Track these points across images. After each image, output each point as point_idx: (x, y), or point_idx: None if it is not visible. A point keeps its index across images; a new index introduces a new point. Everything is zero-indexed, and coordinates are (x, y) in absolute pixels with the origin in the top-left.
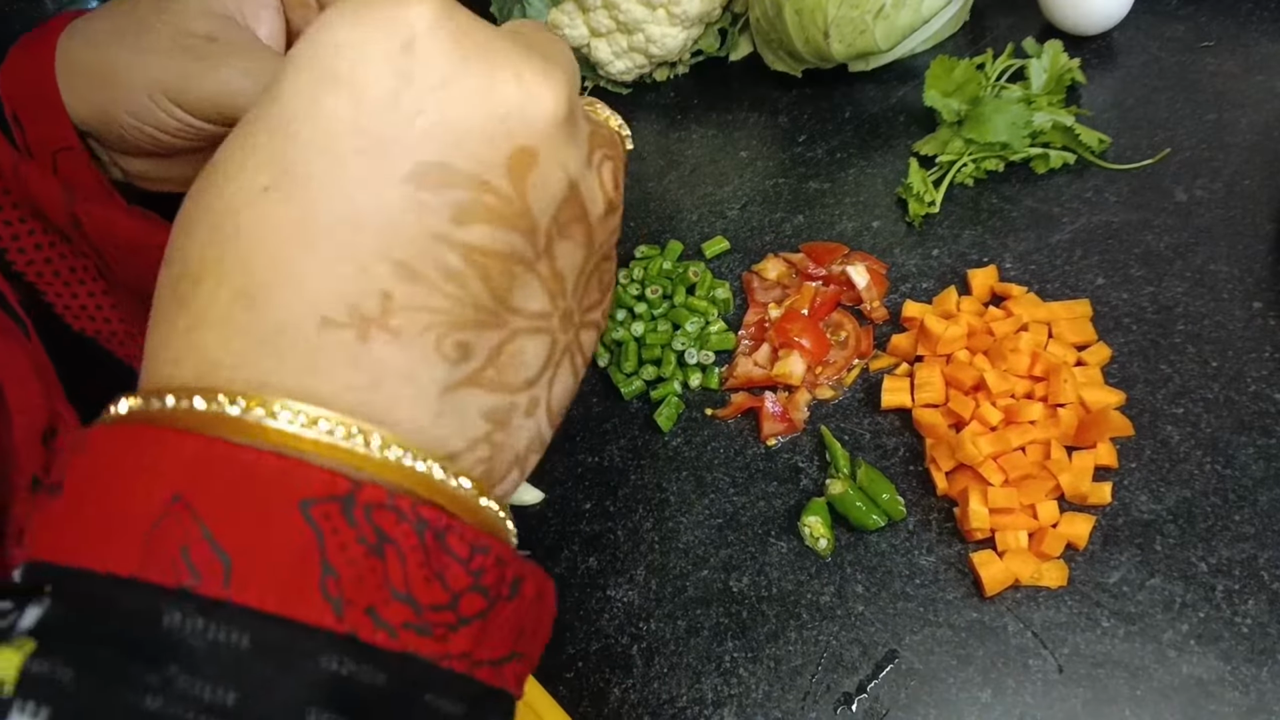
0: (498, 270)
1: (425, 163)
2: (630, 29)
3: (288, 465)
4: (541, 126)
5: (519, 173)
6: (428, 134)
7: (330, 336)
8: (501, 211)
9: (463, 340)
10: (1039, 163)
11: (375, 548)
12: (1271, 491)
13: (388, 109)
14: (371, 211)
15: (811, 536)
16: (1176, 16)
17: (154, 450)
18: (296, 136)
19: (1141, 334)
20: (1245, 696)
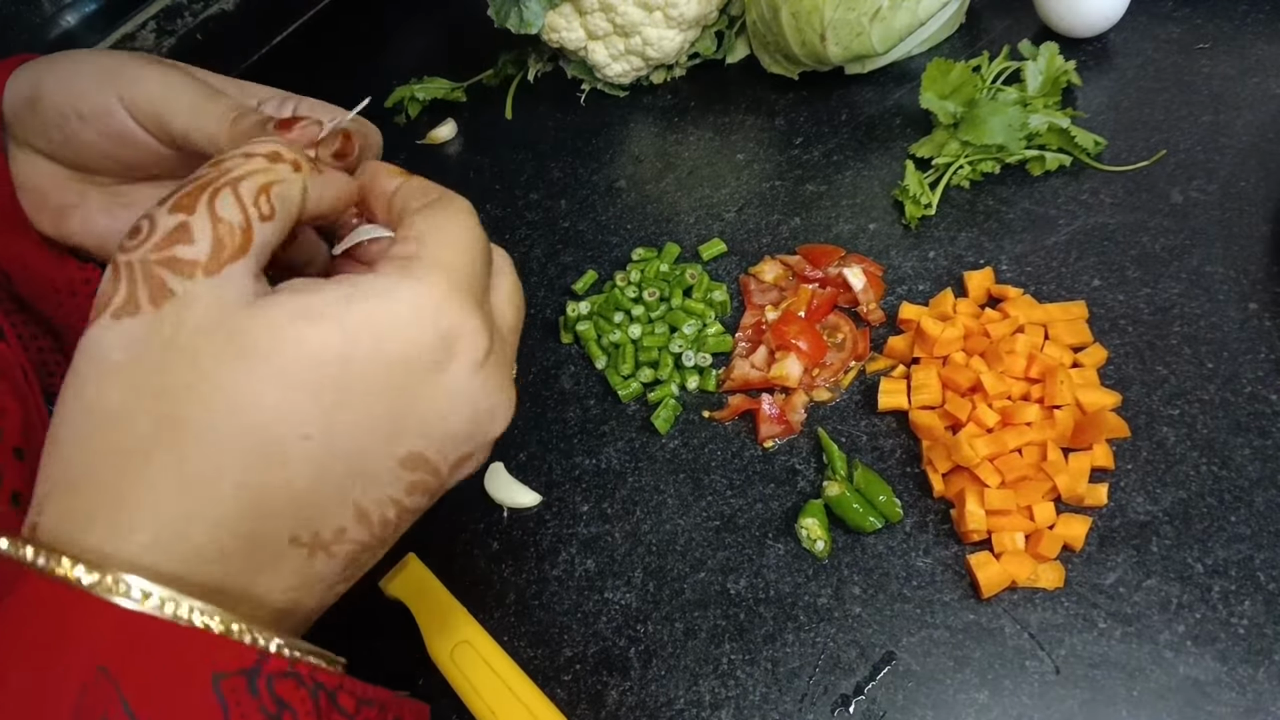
0: (407, 523)
1: (413, 452)
2: (627, 32)
3: (204, 641)
4: (479, 443)
5: (457, 469)
6: (435, 433)
7: (286, 548)
8: (434, 491)
9: (364, 561)
10: (1035, 165)
11: (274, 715)
12: (1267, 492)
13: (387, 406)
14: (370, 475)
15: (809, 538)
16: (1172, 18)
17: (82, 621)
18: (344, 394)
19: (1137, 335)
20: (1242, 697)
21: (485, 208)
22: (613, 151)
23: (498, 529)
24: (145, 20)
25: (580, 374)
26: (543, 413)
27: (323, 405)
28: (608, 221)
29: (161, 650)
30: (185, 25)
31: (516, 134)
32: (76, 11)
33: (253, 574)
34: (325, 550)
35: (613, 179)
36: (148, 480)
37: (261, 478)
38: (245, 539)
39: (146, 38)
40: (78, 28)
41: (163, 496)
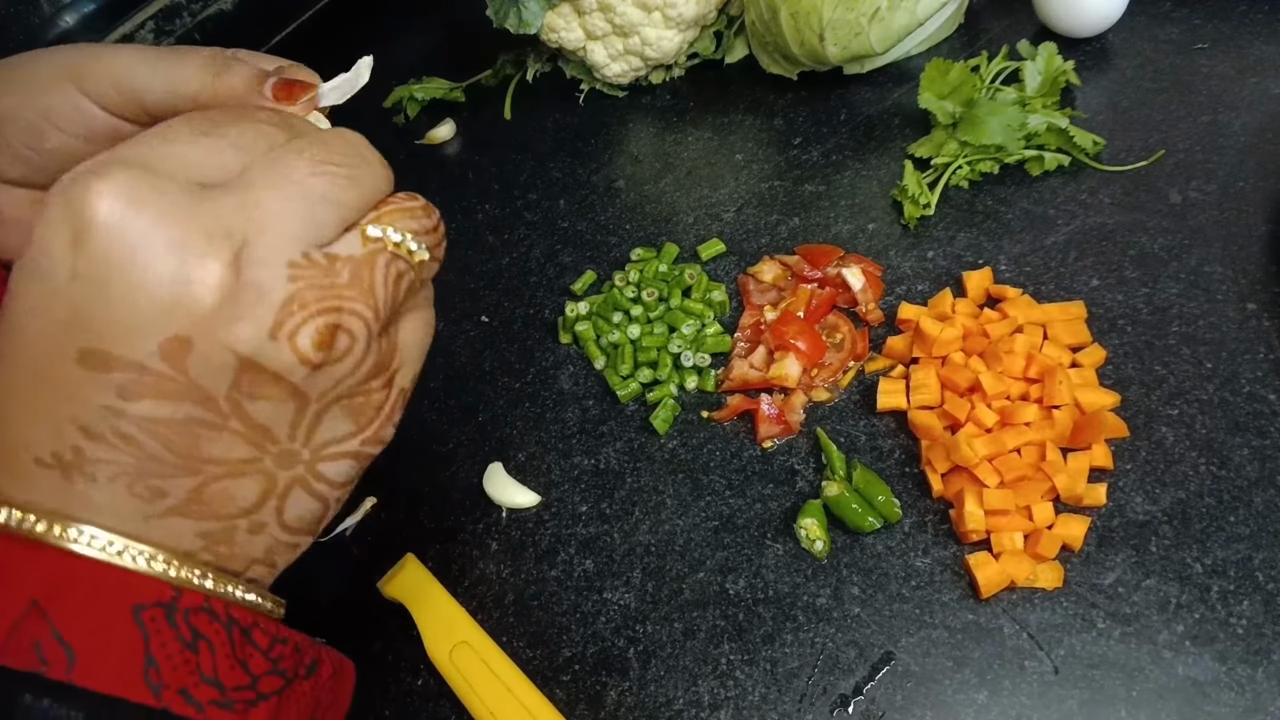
0: (174, 433)
1: (87, 349)
2: (626, 32)
3: (125, 577)
4: (193, 314)
5: (175, 357)
6: (89, 322)
7: (45, 473)
8: (164, 388)
9: (152, 485)
10: (1034, 165)
11: (190, 644)
12: (1266, 492)
13: (61, 298)
14: (58, 383)
15: (807, 539)
16: (1171, 19)
17: (19, 562)
18: (7, 315)
19: (1136, 335)
20: (1241, 697)
21: (484, 208)
22: (611, 152)
23: (496, 529)
24: (144, 20)
25: (579, 374)
26: (541, 413)
27: None
28: (606, 222)
29: (87, 586)
30: (184, 25)
31: (515, 134)
32: (75, 11)
33: (52, 497)
34: (80, 472)
35: (611, 179)
36: None
37: None
38: (6, 455)
39: (145, 38)
40: (76, 28)
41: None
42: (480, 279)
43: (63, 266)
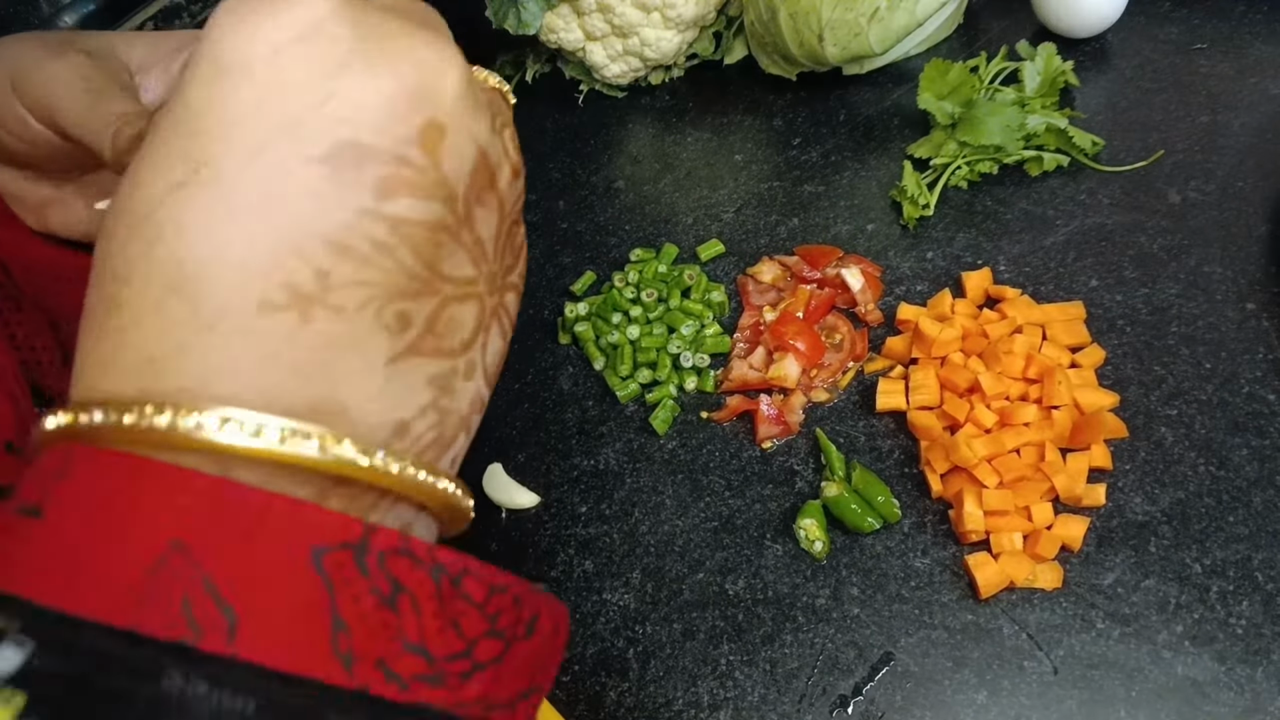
0: (425, 240)
1: (340, 142)
2: (625, 33)
3: (298, 509)
4: (447, 99)
5: (431, 145)
6: (338, 115)
7: (271, 320)
8: (420, 183)
9: (402, 310)
10: (1033, 165)
11: (389, 599)
12: (1265, 492)
13: (294, 94)
14: (294, 195)
15: (807, 539)
16: (1170, 19)
17: (153, 486)
18: (204, 130)
19: (1135, 336)
20: (1240, 697)
21: None
22: (611, 152)
23: (496, 530)
24: (143, 21)
25: (578, 375)
26: (541, 414)
27: (197, 141)
28: (606, 222)
29: (248, 518)
30: (183, 26)
31: None
32: (74, 12)
33: (237, 365)
34: (324, 305)
35: (611, 180)
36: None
37: (144, 248)
38: (213, 314)
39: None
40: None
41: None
42: None
43: (287, 58)
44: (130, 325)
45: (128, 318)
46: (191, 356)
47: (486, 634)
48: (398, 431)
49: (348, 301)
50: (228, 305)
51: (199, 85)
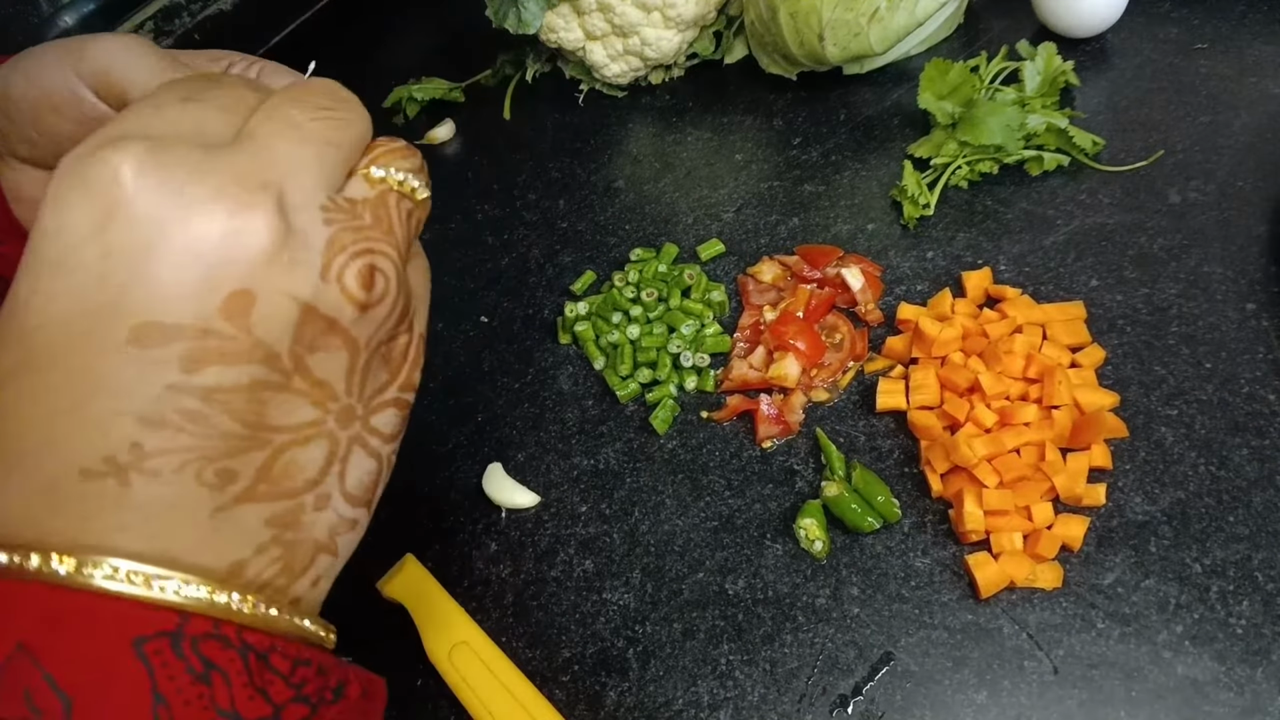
0: (242, 402)
1: (139, 326)
2: (625, 32)
3: (121, 607)
4: (251, 265)
5: (238, 314)
6: (136, 298)
7: (94, 485)
8: (230, 350)
9: (224, 468)
10: (1033, 165)
11: (202, 675)
12: (1265, 492)
13: (97, 282)
14: (105, 375)
15: (807, 539)
16: (1170, 19)
17: (0, 600)
18: (27, 318)
19: (1135, 336)
20: (1240, 697)
21: (483, 208)
22: (611, 152)
23: (495, 529)
24: (143, 20)
25: (578, 374)
26: (541, 413)
27: (8, 333)
28: (606, 222)
29: (79, 620)
30: (183, 25)
31: (515, 134)
32: (74, 12)
33: (83, 523)
34: (140, 471)
35: (611, 179)
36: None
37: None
38: (41, 491)
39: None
40: (75, 28)
41: None
42: (479, 279)
43: (92, 247)
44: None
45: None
46: (29, 523)
47: (293, 700)
48: (233, 571)
49: (163, 467)
50: (56, 474)
51: (26, 277)
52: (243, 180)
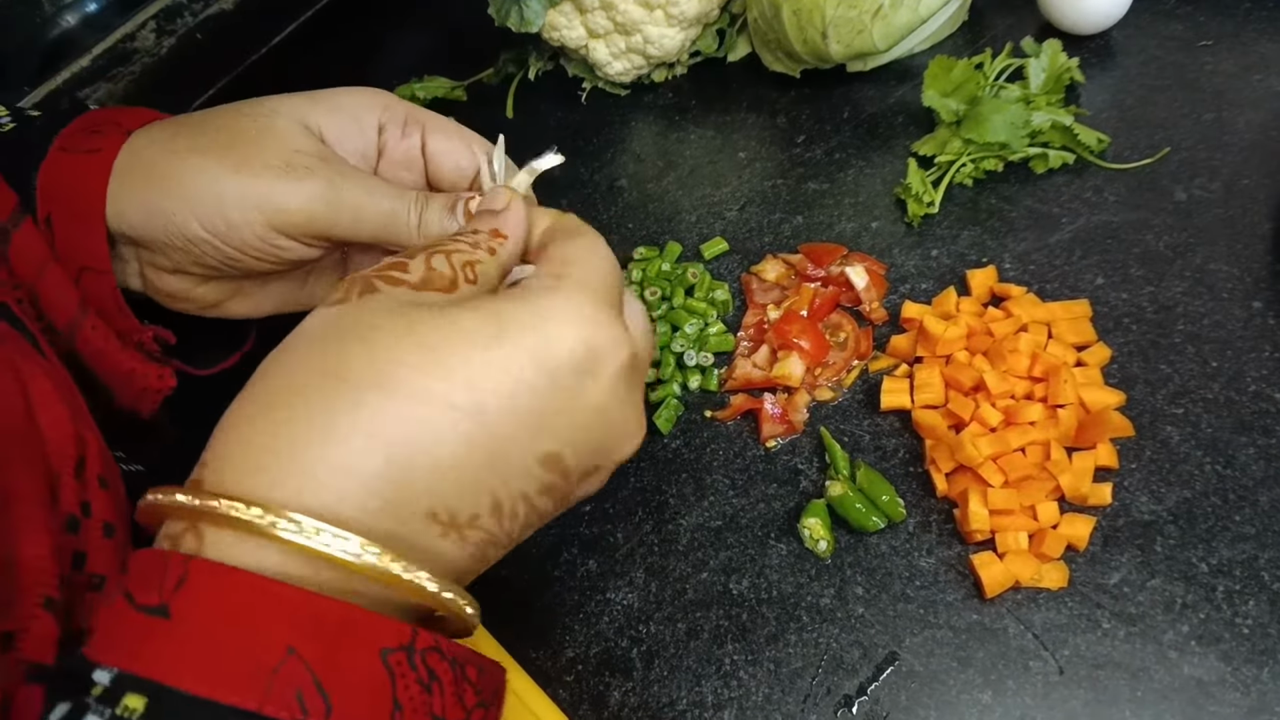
0: (538, 519)
1: (553, 453)
2: (628, 30)
3: (369, 620)
4: (619, 461)
5: (587, 481)
6: (574, 438)
7: (422, 524)
8: (565, 495)
9: (490, 553)
10: (1038, 162)
11: (427, 684)
12: (1272, 491)
13: (562, 409)
14: (509, 467)
15: (811, 538)
16: (1175, 15)
17: (267, 604)
18: (498, 384)
19: (1141, 334)
20: (1246, 697)
21: None
22: (614, 150)
23: None
24: (145, 20)
25: None
26: None
27: (477, 390)
28: (609, 220)
29: (338, 629)
30: (185, 25)
31: (517, 133)
32: (76, 11)
33: (390, 544)
34: (459, 533)
35: (614, 178)
36: (304, 433)
37: (410, 445)
38: (388, 503)
39: (146, 38)
40: (77, 27)
41: (317, 447)
42: None
43: (567, 372)
44: (338, 469)
45: (341, 460)
46: (367, 519)
47: (477, 704)
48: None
49: (472, 537)
50: (412, 505)
51: (513, 351)
52: (640, 400)
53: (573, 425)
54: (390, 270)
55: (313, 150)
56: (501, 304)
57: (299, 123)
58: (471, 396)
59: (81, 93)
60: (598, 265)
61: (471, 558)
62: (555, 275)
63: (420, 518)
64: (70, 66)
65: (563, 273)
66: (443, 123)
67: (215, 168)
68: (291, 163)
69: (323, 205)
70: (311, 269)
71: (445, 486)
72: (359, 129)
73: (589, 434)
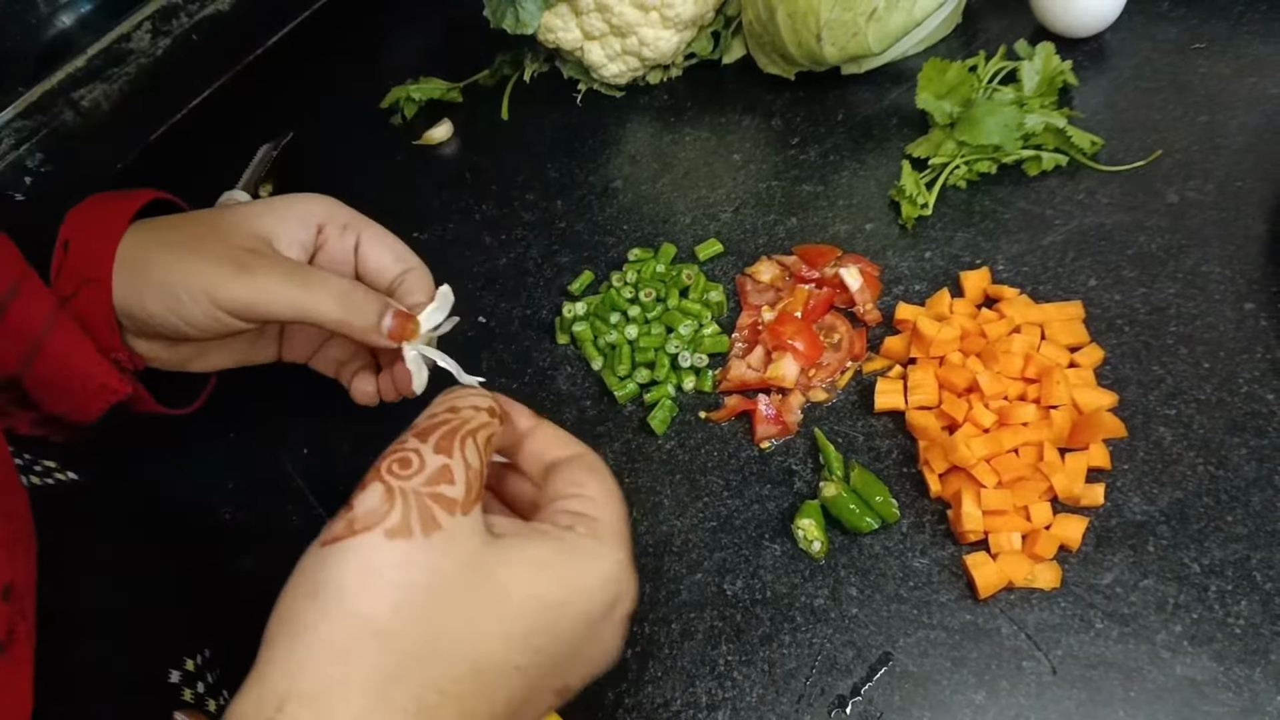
0: None
1: (570, 686)
2: (623, 32)
3: None
4: (604, 669)
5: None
6: (586, 670)
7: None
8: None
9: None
10: (1031, 165)
11: None
12: (1264, 492)
13: (588, 651)
14: (538, 698)
15: (805, 539)
16: (1168, 18)
17: None
18: (555, 641)
19: (1134, 335)
20: (1238, 697)
21: (481, 208)
22: (609, 152)
23: None
24: (140, 21)
25: (576, 375)
26: (539, 413)
27: (533, 644)
28: (604, 222)
29: None
30: (181, 26)
31: (513, 134)
32: (72, 12)
33: None
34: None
35: (609, 179)
36: (390, 692)
37: (476, 700)
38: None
39: (142, 39)
40: (73, 28)
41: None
42: (477, 280)
43: (602, 617)
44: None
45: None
46: None
47: None
48: None
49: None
50: (404, 701)
51: (562, 605)
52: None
53: (590, 660)
54: (440, 489)
55: (257, 248)
56: (556, 546)
57: (250, 226)
58: (529, 649)
59: (77, 93)
60: (619, 506)
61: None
62: (592, 518)
63: (399, 709)
64: (66, 67)
65: (598, 516)
66: (379, 231)
67: (177, 262)
68: (238, 260)
69: (258, 294)
70: (261, 332)
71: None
72: (302, 227)
73: (598, 663)
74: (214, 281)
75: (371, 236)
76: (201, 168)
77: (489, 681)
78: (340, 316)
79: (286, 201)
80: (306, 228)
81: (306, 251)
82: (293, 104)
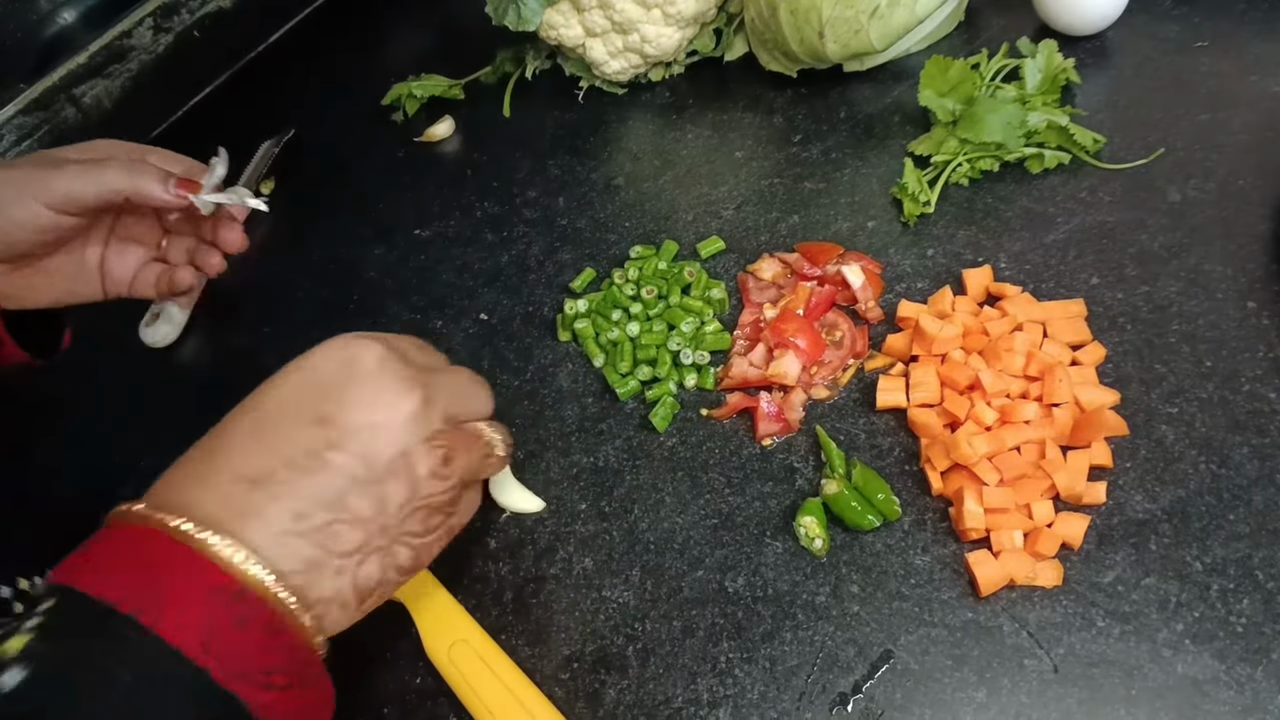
0: (340, 480)
1: (323, 414)
2: (625, 29)
3: (215, 574)
4: (397, 416)
5: (370, 432)
6: (331, 400)
7: (235, 487)
8: (353, 449)
9: (302, 510)
10: (1034, 162)
11: (239, 624)
12: (1266, 491)
13: (318, 385)
14: (290, 429)
15: (807, 537)
16: (1171, 16)
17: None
18: (270, 386)
19: (1136, 334)
20: (1240, 695)
21: (483, 205)
22: (611, 149)
23: (495, 527)
24: (142, 17)
25: (578, 372)
26: (540, 411)
27: (256, 400)
28: (606, 219)
29: (195, 574)
30: (183, 22)
31: (514, 131)
32: (74, 9)
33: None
34: (265, 490)
35: (611, 176)
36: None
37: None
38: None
39: (144, 35)
40: (75, 25)
41: None
42: (479, 276)
43: (330, 366)
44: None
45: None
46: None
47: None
48: (279, 578)
49: (280, 492)
50: (220, 471)
51: (285, 374)
52: (415, 380)
53: (332, 392)
54: None
55: (60, 158)
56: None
57: (53, 155)
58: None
59: (78, 89)
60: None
61: (290, 510)
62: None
63: (226, 481)
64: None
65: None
66: (168, 154)
67: (3, 184)
68: (52, 163)
69: (70, 183)
70: (82, 257)
71: (241, 455)
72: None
73: (365, 403)
74: (35, 185)
75: (163, 158)
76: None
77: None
78: (130, 181)
79: (80, 148)
80: (97, 151)
81: None
82: (294, 101)
